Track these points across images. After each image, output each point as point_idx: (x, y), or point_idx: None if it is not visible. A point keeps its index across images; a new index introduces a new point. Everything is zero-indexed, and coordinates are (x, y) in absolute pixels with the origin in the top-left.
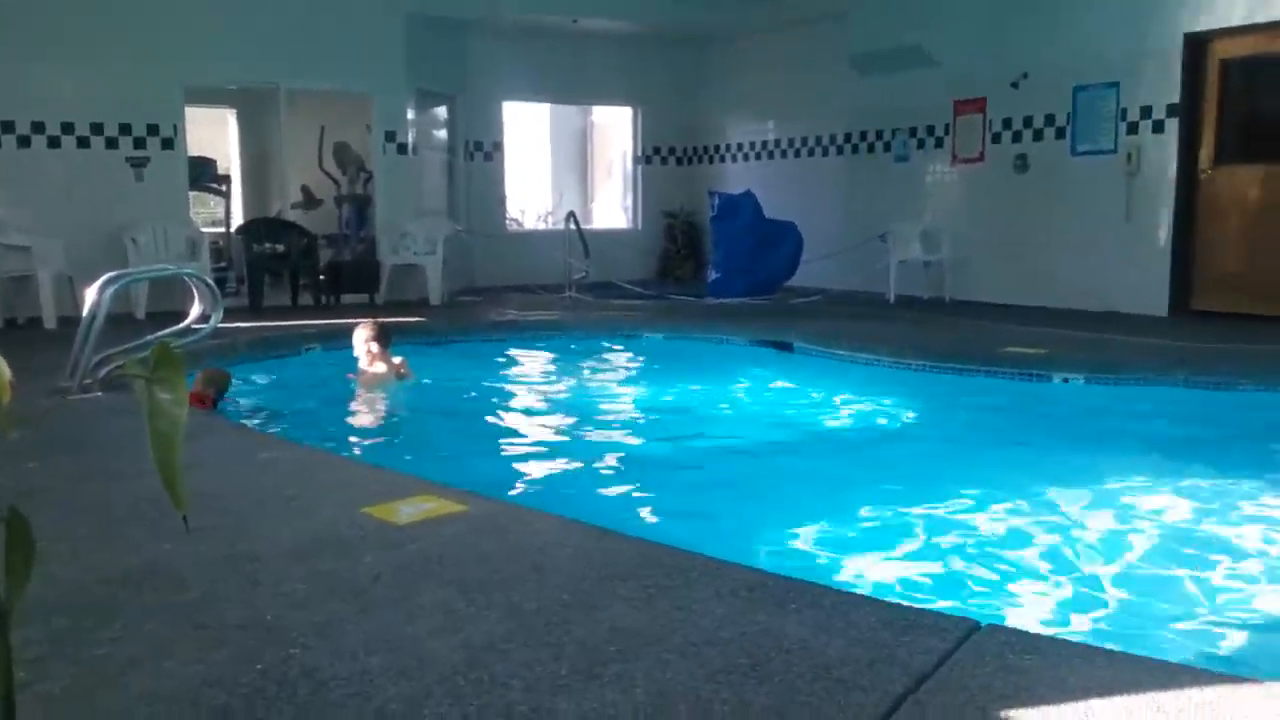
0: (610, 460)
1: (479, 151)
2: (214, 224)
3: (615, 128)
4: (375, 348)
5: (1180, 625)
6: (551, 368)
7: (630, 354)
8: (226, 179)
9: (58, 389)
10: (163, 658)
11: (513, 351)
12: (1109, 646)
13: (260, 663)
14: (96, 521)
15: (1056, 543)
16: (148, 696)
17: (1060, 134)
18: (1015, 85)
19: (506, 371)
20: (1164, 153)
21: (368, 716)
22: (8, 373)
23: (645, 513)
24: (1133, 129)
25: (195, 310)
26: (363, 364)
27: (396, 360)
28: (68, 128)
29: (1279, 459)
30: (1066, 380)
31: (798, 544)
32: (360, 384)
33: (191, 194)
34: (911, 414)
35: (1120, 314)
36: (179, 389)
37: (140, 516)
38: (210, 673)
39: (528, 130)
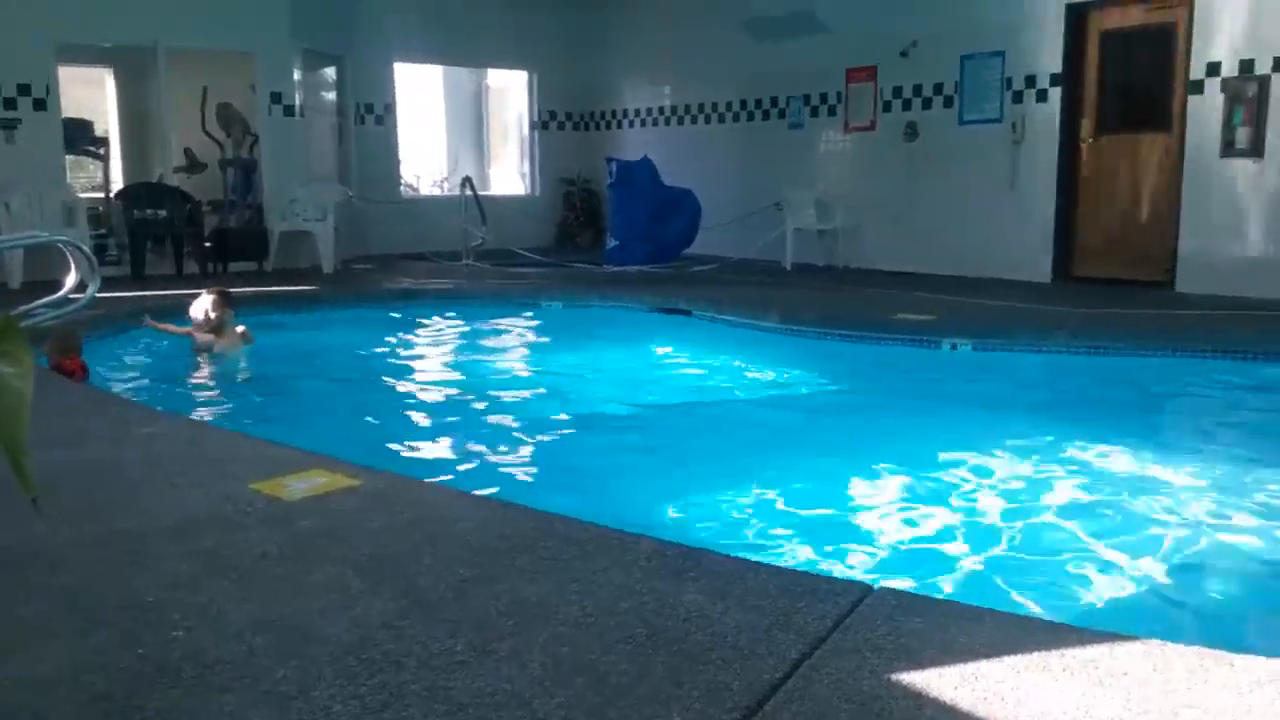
0: (508, 431)
1: (370, 114)
2: (93, 189)
3: (511, 91)
4: (228, 314)
5: (1064, 585)
6: (448, 337)
7: (529, 322)
8: (105, 142)
9: None
10: (37, 642)
11: (408, 321)
12: (996, 608)
13: (141, 646)
14: None
15: (948, 506)
16: (24, 683)
17: (948, 103)
18: (905, 54)
19: (401, 341)
20: (1048, 122)
21: (255, 699)
22: None
23: (543, 484)
24: (1018, 98)
25: (72, 279)
26: (202, 333)
27: (240, 328)
28: None
29: (1156, 421)
30: (955, 347)
31: (695, 512)
32: (201, 351)
33: (68, 158)
34: (806, 380)
35: (1006, 280)
36: (24, 361)
37: (14, 495)
38: (89, 657)
39: (421, 93)
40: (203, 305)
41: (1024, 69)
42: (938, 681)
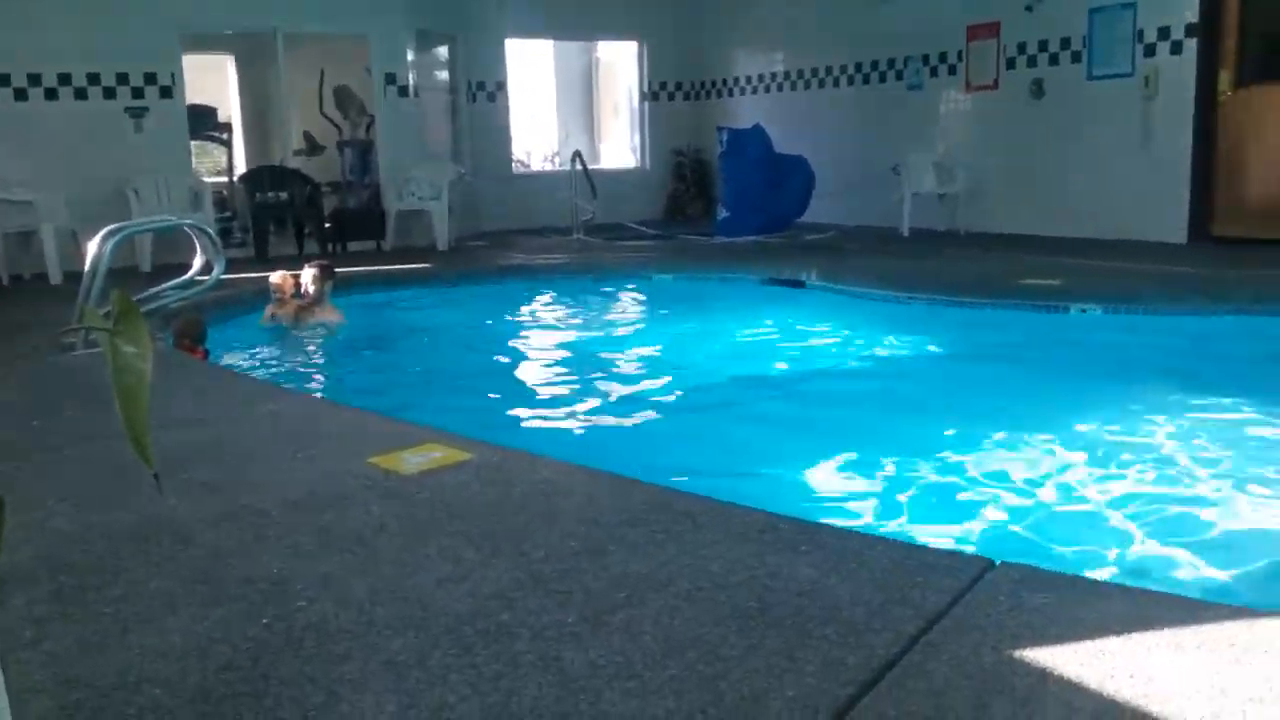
0: (618, 405)
1: (481, 92)
2: (217, 173)
3: (621, 64)
4: (327, 289)
5: (1199, 560)
6: (559, 312)
7: (639, 296)
8: (228, 127)
9: (61, 343)
10: (168, 614)
11: (520, 296)
12: (1126, 583)
13: (266, 616)
14: (101, 477)
15: (1074, 478)
16: (153, 653)
17: (1076, 58)
18: (1030, 8)
19: (514, 317)
20: (1183, 75)
21: (375, 668)
22: None
23: (654, 457)
24: (1150, 51)
25: (199, 261)
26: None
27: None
28: (64, 79)
29: None
30: (1084, 311)
31: (810, 485)
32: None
33: (193, 143)
34: (926, 350)
35: (1138, 242)
36: (143, 341)
37: (145, 473)
38: (216, 628)
39: (531, 69)
40: (306, 276)
41: (1157, 20)
42: (1063, 658)
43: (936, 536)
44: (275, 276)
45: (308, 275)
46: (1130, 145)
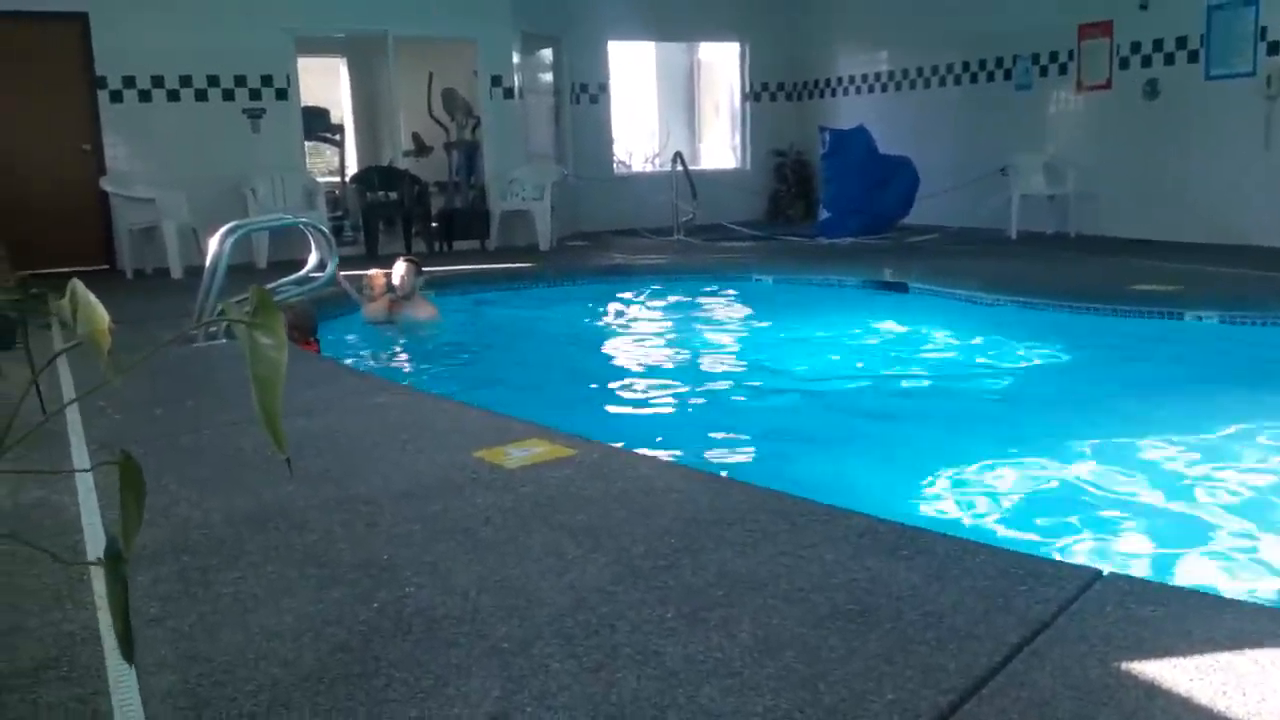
0: (718, 405)
1: (584, 94)
2: (329, 173)
3: (722, 64)
4: (418, 283)
5: None
6: (660, 312)
7: (740, 297)
8: (340, 128)
9: (184, 336)
10: (284, 596)
11: (621, 296)
12: (1239, 598)
13: (376, 601)
14: (221, 465)
15: (1185, 490)
16: (270, 633)
17: (1193, 57)
18: (1144, 6)
19: (614, 317)
20: None
21: (480, 654)
22: (107, 318)
23: (754, 458)
24: (1273, 49)
25: (313, 258)
26: (379, 301)
27: (430, 306)
28: (185, 81)
29: None
30: (1200, 319)
31: (912, 491)
32: (375, 321)
33: (307, 144)
34: (1034, 356)
35: (1259, 247)
36: (278, 333)
37: (262, 460)
38: (329, 610)
39: (634, 71)
40: (397, 271)
41: None
42: (1172, 673)
43: (1043, 546)
44: (367, 274)
45: (398, 270)
46: (1252, 147)
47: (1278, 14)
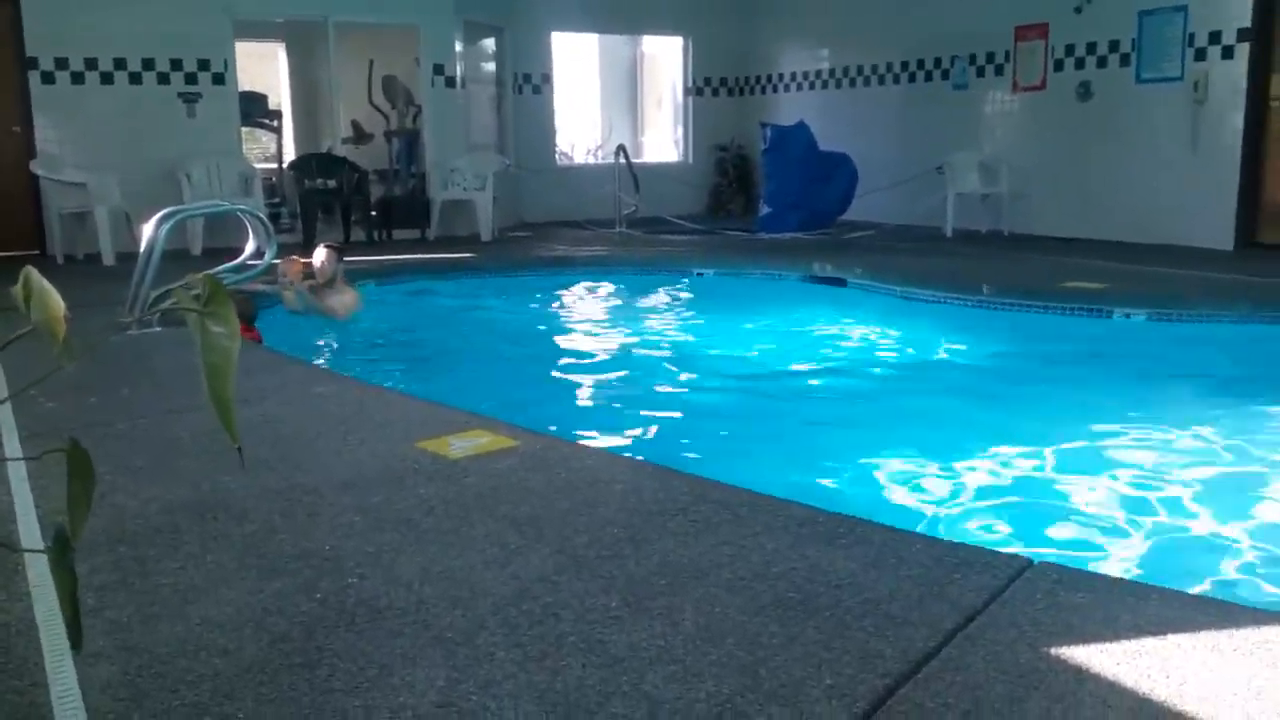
0: (660, 397)
1: (527, 84)
2: (266, 159)
3: (665, 58)
4: (339, 270)
5: (1238, 564)
6: (601, 304)
7: (681, 290)
8: (278, 114)
9: (117, 323)
10: (224, 586)
11: (563, 287)
12: (1163, 585)
13: (319, 591)
14: (158, 454)
15: (1112, 481)
16: (210, 623)
17: (1125, 61)
18: (1079, 10)
19: (557, 307)
20: (1233, 80)
21: (425, 644)
22: (63, 306)
23: (696, 449)
24: (1200, 55)
25: (250, 246)
26: (295, 286)
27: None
28: (120, 64)
29: None
30: (1128, 316)
31: (849, 481)
32: (305, 306)
33: (244, 130)
34: (966, 351)
35: (1184, 247)
36: (230, 322)
37: (200, 449)
38: (271, 601)
39: (577, 62)
40: (316, 258)
41: (1208, 24)
42: (1099, 658)
43: (973, 535)
44: (283, 261)
45: (318, 257)
46: (1178, 150)
47: (1205, 21)
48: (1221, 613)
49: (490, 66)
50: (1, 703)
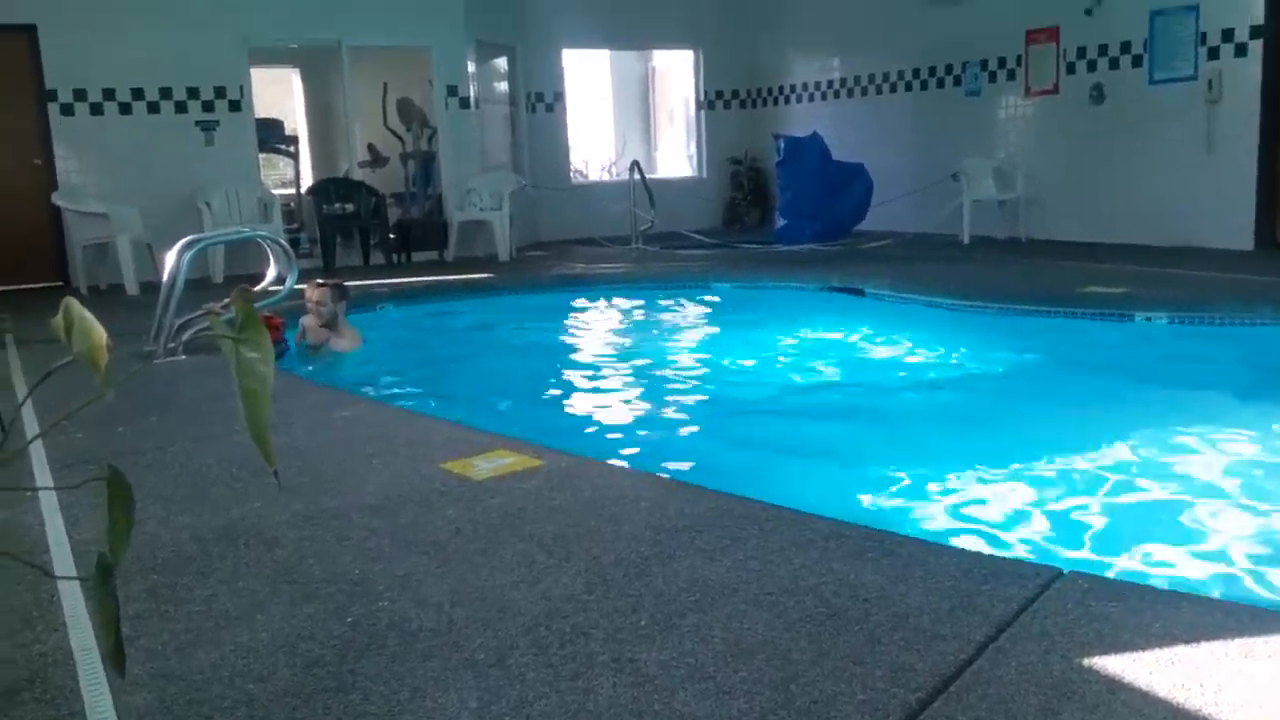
0: (683, 412)
1: (540, 103)
2: (284, 185)
3: (677, 72)
4: (341, 308)
5: (1271, 570)
6: (621, 320)
7: (699, 304)
8: (294, 140)
9: (143, 353)
10: (257, 612)
11: (582, 305)
12: (1195, 593)
13: (350, 615)
14: (187, 482)
15: (1140, 487)
16: (244, 649)
17: (1137, 62)
18: (1089, 12)
19: (577, 325)
20: (1248, 78)
21: (456, 666)
22: (105, 335)
23: (720, 464)
24: (1213, 54)
25: (271, 272)
26: (315, 328)
27: (351, 330)
28: (138, 93)
29: None
30: (1149, 319)
31: (875, 494)
32: (314, 347)
33: (261, 156)
34: (987, 358)
35: (1203, 249)
36: (265, 348)
37: (229, 477)
38: (303, 626)
39: (588, 79)
40: (313, 295)
41: (1221, 22)
42: (1132, 667)
43: (1003, 546)
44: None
45: (315, 296)
46: (1194, 150)
47: (1217, 19)
48: (1255, 619)
49: (503, 86)
50: None
